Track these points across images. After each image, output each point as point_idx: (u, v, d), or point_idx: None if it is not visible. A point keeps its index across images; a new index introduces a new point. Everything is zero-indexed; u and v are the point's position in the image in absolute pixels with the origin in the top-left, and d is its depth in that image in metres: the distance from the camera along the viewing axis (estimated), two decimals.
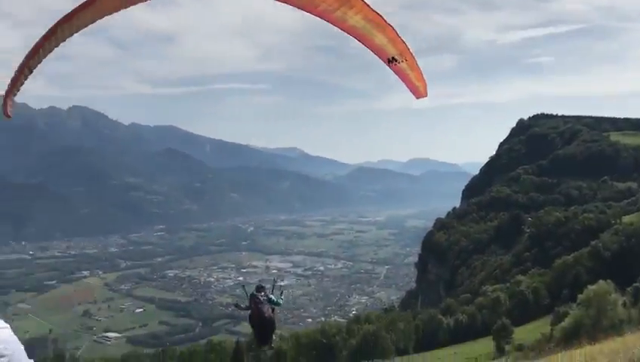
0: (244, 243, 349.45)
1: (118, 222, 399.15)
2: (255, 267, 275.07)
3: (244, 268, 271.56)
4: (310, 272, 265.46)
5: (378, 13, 9.89)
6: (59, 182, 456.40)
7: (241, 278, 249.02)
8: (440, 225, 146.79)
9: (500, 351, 55.94)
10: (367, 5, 9.64)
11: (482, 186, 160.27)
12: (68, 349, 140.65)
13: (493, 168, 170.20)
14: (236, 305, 15.16)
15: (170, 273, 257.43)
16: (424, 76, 10.77)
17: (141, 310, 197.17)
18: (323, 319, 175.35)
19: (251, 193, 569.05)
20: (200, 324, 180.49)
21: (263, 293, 13.50)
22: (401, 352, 62.80)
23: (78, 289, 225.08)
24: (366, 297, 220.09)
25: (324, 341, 62.59)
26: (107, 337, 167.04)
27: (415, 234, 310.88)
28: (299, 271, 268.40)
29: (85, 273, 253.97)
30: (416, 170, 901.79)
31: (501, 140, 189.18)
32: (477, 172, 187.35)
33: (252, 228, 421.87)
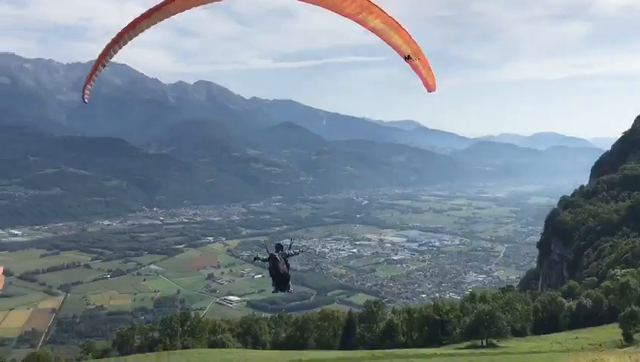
0: (358, 215, 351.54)
1: (239, 192, 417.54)
2: (369, 240, 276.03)
3: (357, 241, 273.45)
4: (425, 248, 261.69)
5: (393, 18, 12.83)
6: (186, 152, 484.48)
7: (355, 250, 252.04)
8: (565, 203, 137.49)
9: (629, 339, 51.48)
10: (384, 12, 12.59)
11: (614, 163, 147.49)
12: (193, 309, 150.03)
13: (627, 144, 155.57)
14: (256, 258, 18.64)
15: (287, 242, 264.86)
16: (433, 73, 15.07)
17: (260, 276, 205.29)
18: (437, 295, 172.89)
19: (366, 166, 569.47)
20: (315, 293, 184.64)
21: (280, 252, 17.69)
22: (518, 334, 59.97)
23: (203, 254, 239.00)
24: (483, 275, 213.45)
25: (437, 317, 61.35)
26: (229, 300, 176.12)
27: (538, 212, 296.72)
28: (413, 246, 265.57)
29: (210, 239, 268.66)
30: (541, 145, 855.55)
31: (638, 114, 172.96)
32: (608, 148, 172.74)
33: (366, 201, 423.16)
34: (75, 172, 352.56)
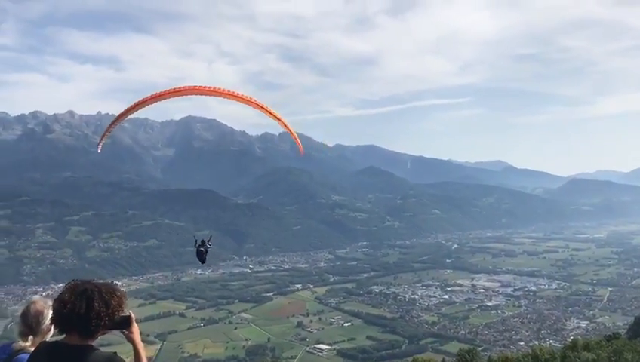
0: (448, 260, 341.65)
1: (325, 238, 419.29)
2: (460, 285, 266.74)
3: (448, 287, 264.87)
4: (521, 292, 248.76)
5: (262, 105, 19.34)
6: (273, 201, 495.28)
7: (446, 296, 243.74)
8: None
9: None
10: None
11: None
12: (284, 358, 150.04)
13: None
14: (195, 244, 28.40)
15: (376, 289, 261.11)
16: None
17: (349, 324, 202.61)
18: (536, 343, 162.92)
19: (454, 209, 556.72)
20: (406, 342, 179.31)
21: (202, 245, 28.36)
22: None
23: (291, 302, 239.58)
24: (586, 321, 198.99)
25: None
26: (319, 349, 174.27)
27: None
28: (508, 290, 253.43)
29: (298, 286, 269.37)
30: None
31: None
32: None
33: (456, 245, 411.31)
34: (170, 223, 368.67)
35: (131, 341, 8.24)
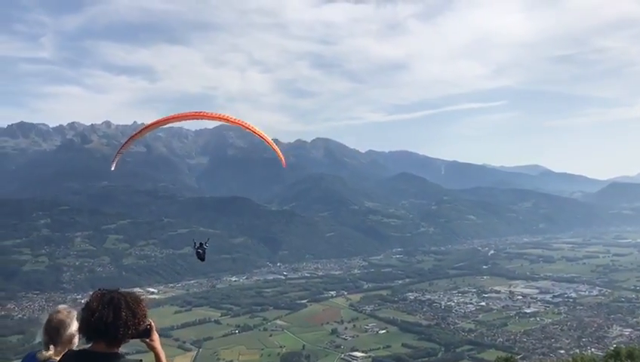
0: (484, 266, 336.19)
1: (359, 245, 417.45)
2: (498, 292, 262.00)
3: (485, 293, 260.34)
4: (560, 299, 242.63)
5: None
6: (307, 208, 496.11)
7: (483, 303, 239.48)
8: None
9: None
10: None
11: None
12: None
13: None
14: (194, 246, 31.67)
15: (411, 296, 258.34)
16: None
17: (384, 331, 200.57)
18: (577, 351, 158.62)
19: (490, 214, 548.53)
20: (442, 349, 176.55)
21: (200, 247, 30.94)
22: None
23: (326, 309, 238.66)
24: (630, 329, 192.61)
25: None
26: (354, 356, 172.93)
27: None
28: (547, 297, 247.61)
29: (332, 293, 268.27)
30: None
31: None
32: None
33: (493, 251, 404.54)
34: (205, 231, 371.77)
35: (153, 349, 8.77)
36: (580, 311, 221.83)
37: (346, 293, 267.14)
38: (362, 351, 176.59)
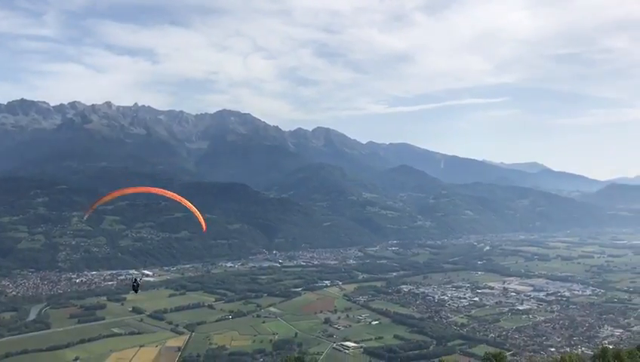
0: (479, 262, 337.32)
1: (355, 236, 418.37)
2: (492, 288, 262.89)
3: (479, 289, 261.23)
4: (553, 297, 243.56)
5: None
6: (304, 197, 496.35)
7: (476, 299, 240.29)
8: None
9: None
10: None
11: None
12: (311, 353, 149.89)
13: None
14: (134, 282, 53.69)
15: (405, 288, 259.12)
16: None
17: (377, 322, 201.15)
18: (568, 349, 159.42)
19: (487, 210, 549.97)
20: (434, 342, 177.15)
21: (135, 281, 53.91)
22: None
23: (320, 298, 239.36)
24: (620, 330, 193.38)
25: None
26: (346, 346, 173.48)
27: None
28: (540, 295, 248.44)
29: (326, 282, 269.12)
30: None
31: None
32: None
33: (488, 247, 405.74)
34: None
35: None
36: (572, 309, 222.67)
37: (340, 283, 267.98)
38: (354, 341, 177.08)
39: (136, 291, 36.55)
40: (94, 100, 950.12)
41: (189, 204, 40.17)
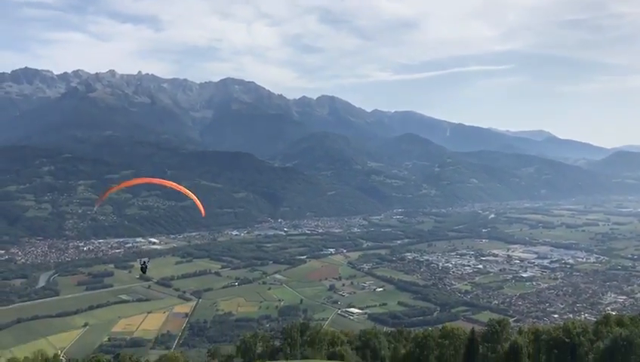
0: (484, 230, 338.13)
1: (360, 204, 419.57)
2: (496, 256, 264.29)
3: (483, 256, 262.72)
4: (557, 265, 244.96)
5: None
6: (309, 165, 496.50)
7: (480, 266, 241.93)
8: None
9: None
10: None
11: None
12: (316, 319, 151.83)
13: None
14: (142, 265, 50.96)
15: (409, 256, 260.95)
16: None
17: (381, 289, 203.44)
18: (571, 316, 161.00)
19: (492, 178, 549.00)
20: (438, 309, 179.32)
21: (144, 264, 50.34)
22: None
23: (324, 265, 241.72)
24: (624, 296, 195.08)
25: (567, 340, 56.21)
26: (350, 312, 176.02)
27: None
28: (544, 262, 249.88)
29: (331, 250, 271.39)
30: None
31: None
32: None
33: (493, 215, 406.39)
34: (207, 185, 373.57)
35: None
36: (576, 277, 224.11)
37: (344, 251, 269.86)
38: (359, 308, 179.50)
39: (144, 272, 39.68)
40: (98, 69, 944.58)
41: (188, 192, 41.72)
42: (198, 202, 41.23)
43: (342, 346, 61.73)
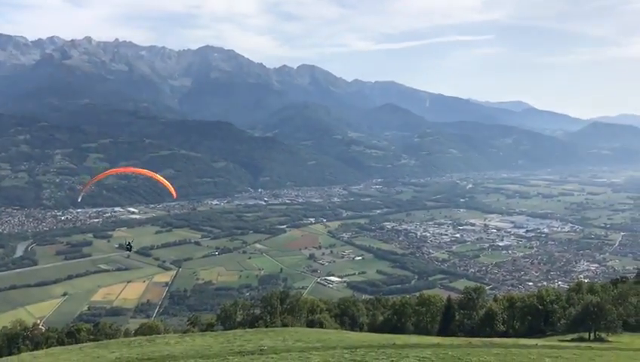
0: (462, 200, 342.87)
1: (340, 174, 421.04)
2: (473, 225, 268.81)
3: (461, 226, 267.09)
4: (533, 234, 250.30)
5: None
6: (289, 135, 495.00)
7: (458, 235, 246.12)
8: None
9: None
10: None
11: None
12: (295, 288, 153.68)
13: None
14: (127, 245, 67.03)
15: (388, 225, 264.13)
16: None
17: (360, 258, 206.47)
18: (545, 284, 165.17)
19: (471, 149, 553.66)
20: (415, 277, 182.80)
21: (129, 244, 64.20)
22: (632, 329, 55.31)
23: (304, 235, 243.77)
24: (596, 265, 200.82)
25: (540, 307, 58.08)
26: (329, 280, 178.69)
27: None
28: (520, 232, 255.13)
29: (311, 220, 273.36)
30: None
31: None
32: None
33: (471, 185, 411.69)
34: (186, 154, 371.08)
35: None
36: (550, 246, 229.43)
37: (324, 220, 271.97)
38: (338, 276, 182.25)
39: (129, 251, 40.78)
40: (73, 35, 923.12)
41: (159, 178, 43.45)
42: (169, 186, 42.19)
43: (321, 314, 63.00)
